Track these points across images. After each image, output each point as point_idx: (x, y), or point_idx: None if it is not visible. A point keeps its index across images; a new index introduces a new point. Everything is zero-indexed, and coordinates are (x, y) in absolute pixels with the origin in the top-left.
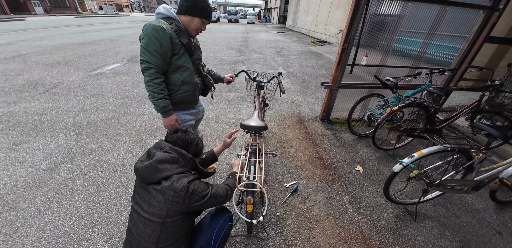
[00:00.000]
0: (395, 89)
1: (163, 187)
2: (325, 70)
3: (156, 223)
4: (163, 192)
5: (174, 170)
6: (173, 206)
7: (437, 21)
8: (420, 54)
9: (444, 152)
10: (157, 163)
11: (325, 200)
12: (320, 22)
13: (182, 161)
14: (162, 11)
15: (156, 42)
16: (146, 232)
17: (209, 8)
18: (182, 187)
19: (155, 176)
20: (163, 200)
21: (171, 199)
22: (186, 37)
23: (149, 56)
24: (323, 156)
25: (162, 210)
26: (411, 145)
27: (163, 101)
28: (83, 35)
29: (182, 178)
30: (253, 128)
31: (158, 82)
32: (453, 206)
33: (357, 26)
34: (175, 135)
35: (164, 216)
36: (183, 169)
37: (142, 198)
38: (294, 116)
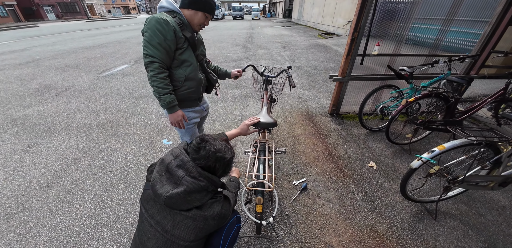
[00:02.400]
0: (411, 79)
1: (194, 214)
2: (333, 63)
3: (180, 245)
4: (194, 219)
5: (204, 199)
6: (201, 232)
7: (455, 6)
8: (437, 42)
9: (468, 145)
10: (185, 194)
11: (337, 198)
12: (327, 14)
13: (212, 187)
14: (165, 4)
15: (160, 35)
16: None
17: (212, 2)
18: (214, 216)
19: (183, 206)
20: (193, 227)
21: (202, 226)
22: (190, 31)
23: (152, 50)
24: (333, 152)
25: (190, 235)
26: (429, 139)
27: (169, 96)
28: (93, 39)
29: (214, 204)
30: (263, 124)
31: (162, 76)
32: (476, 203)
33: (367, 14)
34: (201, 154)
35: (191, 240)
36: (211, 194)
37: (163, 217)
38: (302, 111)
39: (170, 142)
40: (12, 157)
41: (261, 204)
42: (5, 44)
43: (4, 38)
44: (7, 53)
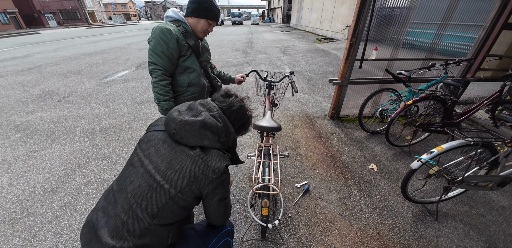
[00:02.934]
0: (408, 83)
1: (197, 154)
2: (332, 67)
3: (166, 192)
4: (195, 161)
5: (213, 143)
6: (194, 183)
7: (449, 11)
8: (433, 46)
9: (466, 146)
10: (201, 126)
11: (339, 200)
12: (325, 19)
13: (225, 136)
14: (171, 14)
15: (163, 44)
16: (148, 198)
17: (215, 9)
18: (217, 169)
19: (192, 139)
20: (189, 171)
21: (199, 173)
22: (194, 39)
23: (156, 58)
24: (334, 154)
25: (181, 180)
26: (428, 140)
27: (167, 103)
28: (94, 45)
29: (220, 157)
30: (267, 128)
31: (164, 84)
32: (477, 204)
33: (365, 20)
34: (229, 100)
35: (180, 188)
36: (221, 146)
37: (160, 155)
38: (303, 115)
39: None
40: (16, 163)
41: (267, 207)
42: (7, 51)
43: (6, 45)
44: (8, 59)
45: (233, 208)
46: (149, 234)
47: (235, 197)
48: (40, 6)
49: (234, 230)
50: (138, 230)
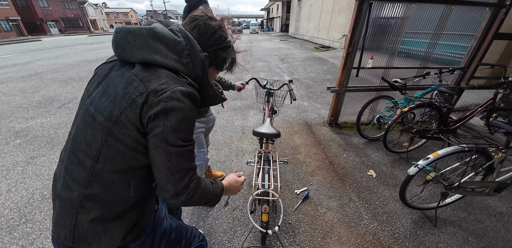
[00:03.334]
0: (404, 90)
1: (135, 74)
2: (330, 75)
3: (101, 125)
4: (130, 82)
5: (170, 62)
6: (130, 109)
7: (442, 21)
8: (428, 54)
9: (461, 152)
10: (150, 34)
11: (338, 206)
12: (323, 28)
13: (188, 57)
14: None
15: None
16: (85, 136)
17: None
18: (161, 91)
19: (137, 51)
20: (122, 94)
21: (135, 96)
22: None
23: None
24: (333, 161)
25: (114, 107)
26: (425, 147)
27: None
28: (95, 52)
29: (174, 81)
30: (267, 135)
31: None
32: (475, 210)
33: (361, 30)
34: (194, 22)
35: (114, 118)
36: (183, 69)
37: (98, 84)
38: (302, 122)
39: None
40: (14, 169)
41: (267, 213)
42: (8, 58)
43: (7, 52)
44: (10, 66)
45: (232, 214)
46: (97, 182)
47: (234, 203)
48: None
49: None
50: (82, 177)
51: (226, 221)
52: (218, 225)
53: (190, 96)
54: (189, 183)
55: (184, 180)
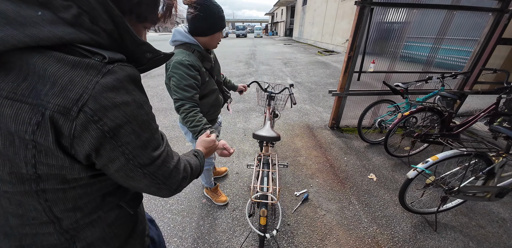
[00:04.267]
0: (406, 95)
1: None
2: (333, 79)
3: (21, 193)
4: (10, 105)
5: (34, 31)
6: (41, 137)
7: (444, 26)
8: (430, 59)
9: (460, 156)
10: None
11: (337, 209)
12: (326, 33)
13: (69, 1)
14: (180, 38)
15: (188, 78)
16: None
17: (223, 14)
18: (70, 105)
19: None
20: (16, 130)
21: (28, 135)
22: (208, 60)
23: (182, 93)
24: (334, 164)
25: (20, 159)
26: (427, 151)
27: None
28: None
29: (79, 71)
30: (266, 138)
31: (192, 114)
32: (476, 215)
33: (362, 34)
34: None
35: (31, 176)
36: (72, 32)
37: None
38: (303, 125)
39: None
40: None
41: (265, 216)
42: None
43: None
44: None
45: (232, 214)
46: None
47: (234, 204)
48: None
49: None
50: None
51: (226, 221)
52: (218, 225)
53: (127, 82)
54: (181, 178)
55: (176, 179)
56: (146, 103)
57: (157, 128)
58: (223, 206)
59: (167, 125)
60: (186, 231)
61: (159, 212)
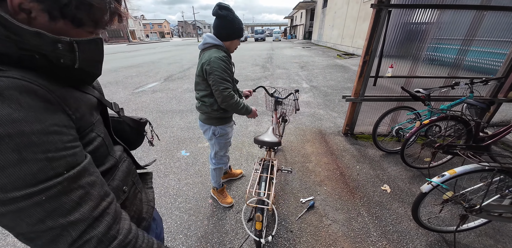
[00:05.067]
0: (428, 101)
1: None
2: (350, 83)
3: None
4: None
5: None
6: None
7: (473, 26)
8: (458, 62)
9: (482, 171)
10: None
11: (345, 219)
12: (347, 35)
13: None
14: (210, 41)
15: (227, 70)
16: None
17: (242, 26)
18: None
19: None
20: None
21: None
22: (231, 60)
23: (227, 84)
24: (345, 172)
25: None
26: (452, 164)
27: (246, 107)
28: (131, 59)
29: None
30: (267, 143)
31: (237, 99)
32: (504, 238)
33: (379, 38)
34: None
35: None
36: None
37: None
38: (315, 130)
39: (188, 153)
40: None
41: (260, 221)
42: None
43: None
44: None
45: (236, 216)
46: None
47: (239, 206)
48: None
49: None
50: None
51: (229, 222)
52: (221, 225)
53: (20, 99)
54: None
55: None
56: (35, 124)
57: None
58: (228, 207)
59: (182, 127)
60: (191, 229)
61: (168, 208)
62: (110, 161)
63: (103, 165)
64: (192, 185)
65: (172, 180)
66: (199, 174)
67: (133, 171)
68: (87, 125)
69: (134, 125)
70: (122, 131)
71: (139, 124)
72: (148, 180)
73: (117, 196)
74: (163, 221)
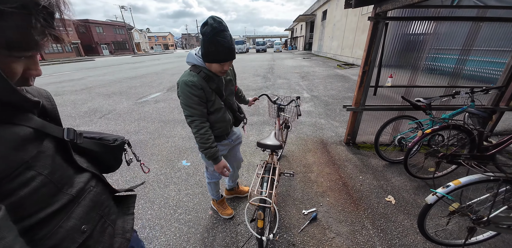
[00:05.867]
0: (429, 111)
1: None
2: (351, 93)
3: None
4: None
5: None
6: None
7: (471, 37)
8: (457, 71)
9: (488, 182)
10: None
11: (349, 232)
12: (346, 46)
13: None
14: (190, 60)
15: (192, 97)
16: None
17: (222, 49)
18: None
19: None
20: None
21: None
22: (215, 81)
23: (190, 110)
24: (348, 182)
25: None
26: (457, 174)
27: (209, 151)
28: (136, 70)
29: None
30: (269, 146)
31: (203, 132)
32: None
33: (377, 49)
34: None
35: None
36: None
37: None
38: (317, 140)
39: (189, 163)
40: None
41: (262, 219)
42: (66, 74)
43: (67, 69)
44: (67, 81)
45: (236, 229)
46: None
47: (240, 218)
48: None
49: None
50: None
51: (230, 235)
52: (222, 238)
53: None
54: None
55: None
56: None
57: None
58: (229, 219)
59: (184, 136)
60: (190, 242)
61: (167, 220)
62: (62, 200)
63: (50, 206)
64: (192, 196)
65: (172, 191)
66: (200, 184)
67: (102, 201)
68: (15, 166)
69: (104, 149)
70: (92, 154)
71: (111, 148)
72: (130, 205)
73: (71, 238)
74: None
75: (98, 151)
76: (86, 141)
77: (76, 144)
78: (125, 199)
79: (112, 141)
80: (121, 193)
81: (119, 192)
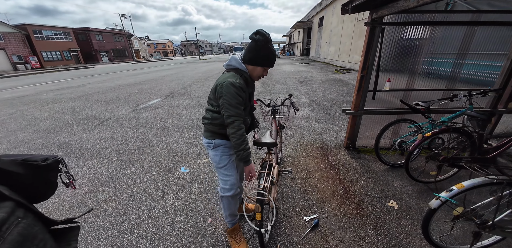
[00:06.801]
0: (428, 114)
1: None
2: (349, 97)
3: None
4: None
5: None
6: None
7: (466, 41)
8: (454, 74)
9: (491, 185)
10: None
11: (352, 239)
12: (343, 51)
13: None
14: (233, 63)
15: (238, 97)
16: None
17: (271, 56)
18: None
19: None
20: None
21: None
22: (251, 86)
23: (234, 110)
24: (349, 187)
25: None
26: (459, 177)
27: (244, 152)
28: (134, 77)
29: None
30: (264, 144)
31: (241, 132)
32: None
33: (374, 53)
34: None
35: None
36: None
37: None
38: (317, 144)
39: (188, 170)
40: None
41: (260, 211)
42: (65, 81)
43: (66, 76)
44: (65, 88)
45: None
46: None
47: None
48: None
49: None
50: None
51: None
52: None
53: None
54: None
55: None
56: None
57: None
58: None
59: (183, 142)
60: None
61: (165, 229)
62: None
63: None
64: (191, 203)
65: (170, 198)
66: (199, 191)
67: (35, 235)
68: None
69: (31, 171)
70: (15, 179)
71: (40, 169)
72: (71, 238)
73: None
74: (160, 243)
75: (23, 174)
76: (4, 161)
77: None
78: (65, 232)
79: (40, 161)
80: (60, 225)
81: (57, 224)
